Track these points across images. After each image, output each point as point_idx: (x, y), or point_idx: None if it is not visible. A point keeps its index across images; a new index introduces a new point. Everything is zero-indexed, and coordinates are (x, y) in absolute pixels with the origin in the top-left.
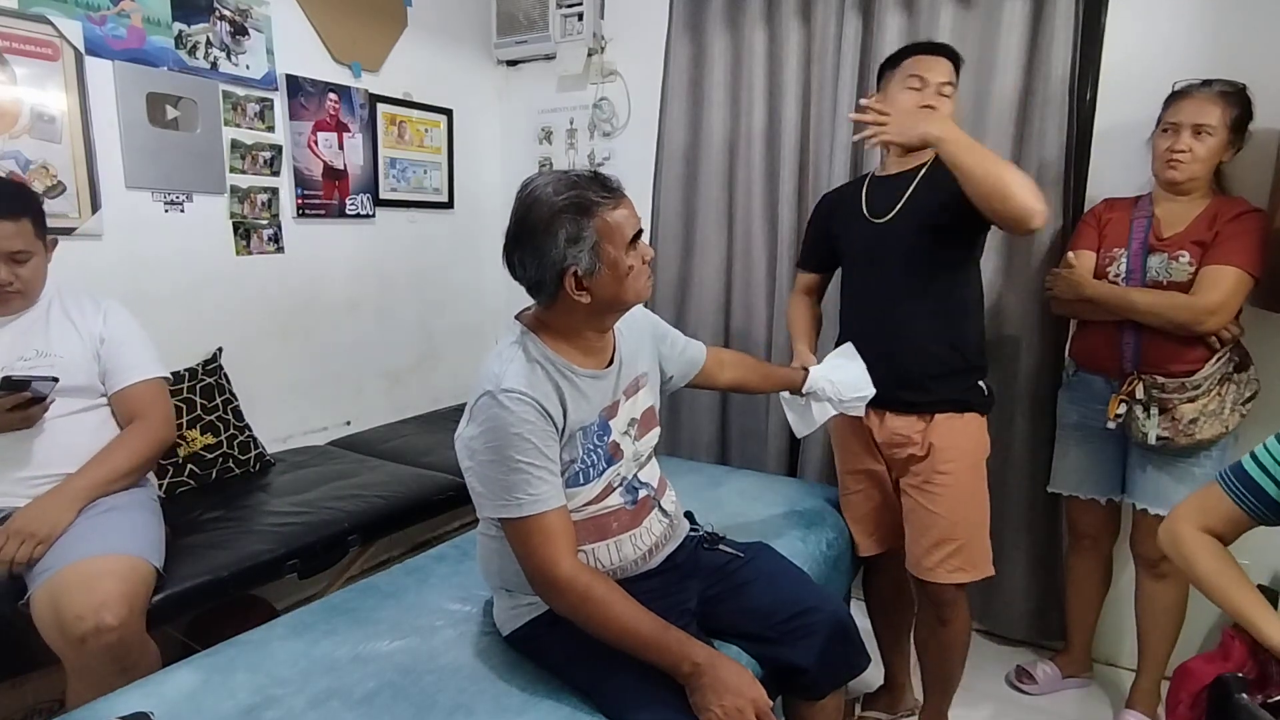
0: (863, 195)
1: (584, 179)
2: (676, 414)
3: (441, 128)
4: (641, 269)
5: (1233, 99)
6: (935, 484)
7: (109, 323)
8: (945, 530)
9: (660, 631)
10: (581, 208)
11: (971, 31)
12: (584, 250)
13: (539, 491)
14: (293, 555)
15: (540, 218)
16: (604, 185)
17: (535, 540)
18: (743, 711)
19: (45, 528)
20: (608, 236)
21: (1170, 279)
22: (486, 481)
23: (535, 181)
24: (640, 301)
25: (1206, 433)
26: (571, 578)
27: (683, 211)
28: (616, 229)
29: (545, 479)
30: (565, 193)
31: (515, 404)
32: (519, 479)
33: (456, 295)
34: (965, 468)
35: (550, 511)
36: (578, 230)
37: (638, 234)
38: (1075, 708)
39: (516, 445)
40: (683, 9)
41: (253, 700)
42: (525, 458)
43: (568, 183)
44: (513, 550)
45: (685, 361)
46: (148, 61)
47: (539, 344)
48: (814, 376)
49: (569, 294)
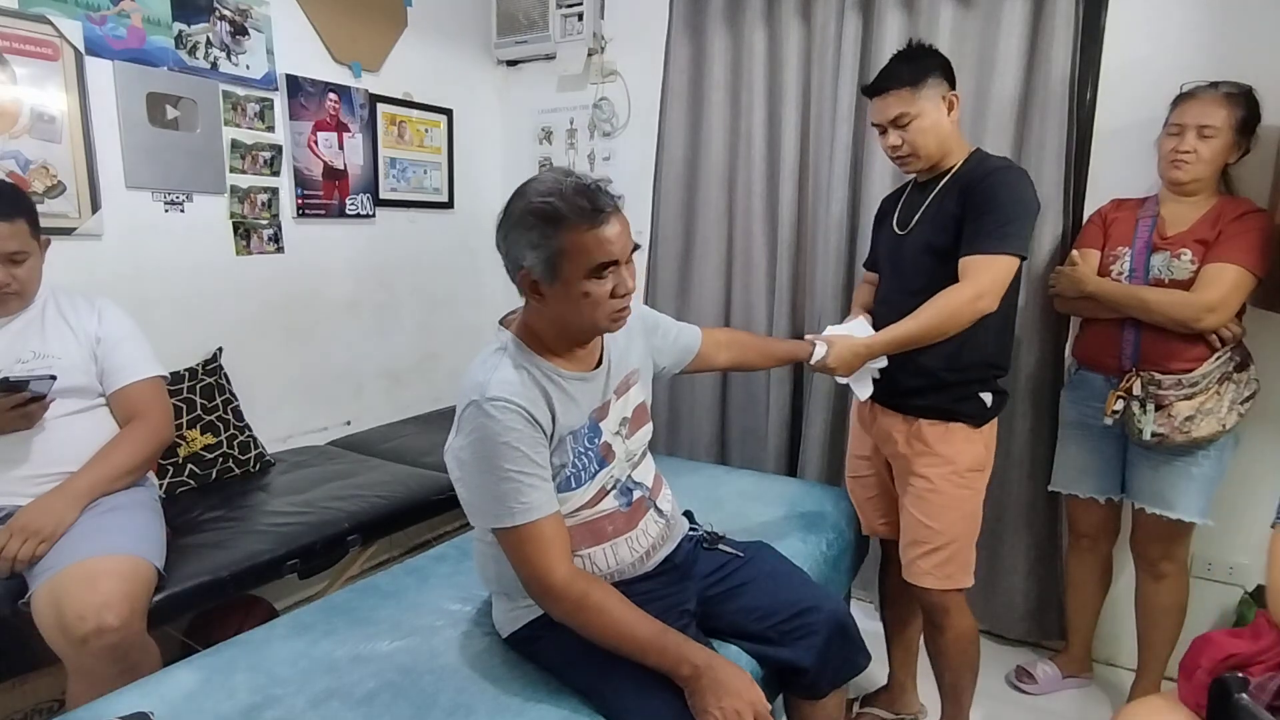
0: (899, 204)
1: (575, 188)
2: (676, 414)
3: (441, 128)
4: (604, 301)
5: (1238, 101)
6: (915, 487)
7: (105, 322)
8: (919, 533)
9: (658, 634)
10: (550, 217)
11: (971, 31)
12: (541, 259)
13: (530, 499)
14: (293, 555)
15: (514, 210)
16: (592, 200)
17: (529, 549)
18: (741, 713)
19: (49, 526)
20: (569, 255)
21: (1172, 277)
22: (477, 492)
23: (538, 174)
24: (602, 333)
25: (1203, 431)
26: (567, 584)
27: (683, 211)
28: (580, 251)
29: (536, 486)
30: (546, 196)
31: (501, 412)
32: (510, 488)
33: (456, 295)
34: (944, 476)
35: (543, 519)
36: (540, 237)
37: (610, 263)
38: (1075, 708)
39: (505, 454)
40: (683, 9)
41: (253, 700)
42: (514, 466)
43: (555, 187)
44: (508, 559)
45: (679, 349)
46: (148, 61)
47: (523, 349)
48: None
49: (529, 294)
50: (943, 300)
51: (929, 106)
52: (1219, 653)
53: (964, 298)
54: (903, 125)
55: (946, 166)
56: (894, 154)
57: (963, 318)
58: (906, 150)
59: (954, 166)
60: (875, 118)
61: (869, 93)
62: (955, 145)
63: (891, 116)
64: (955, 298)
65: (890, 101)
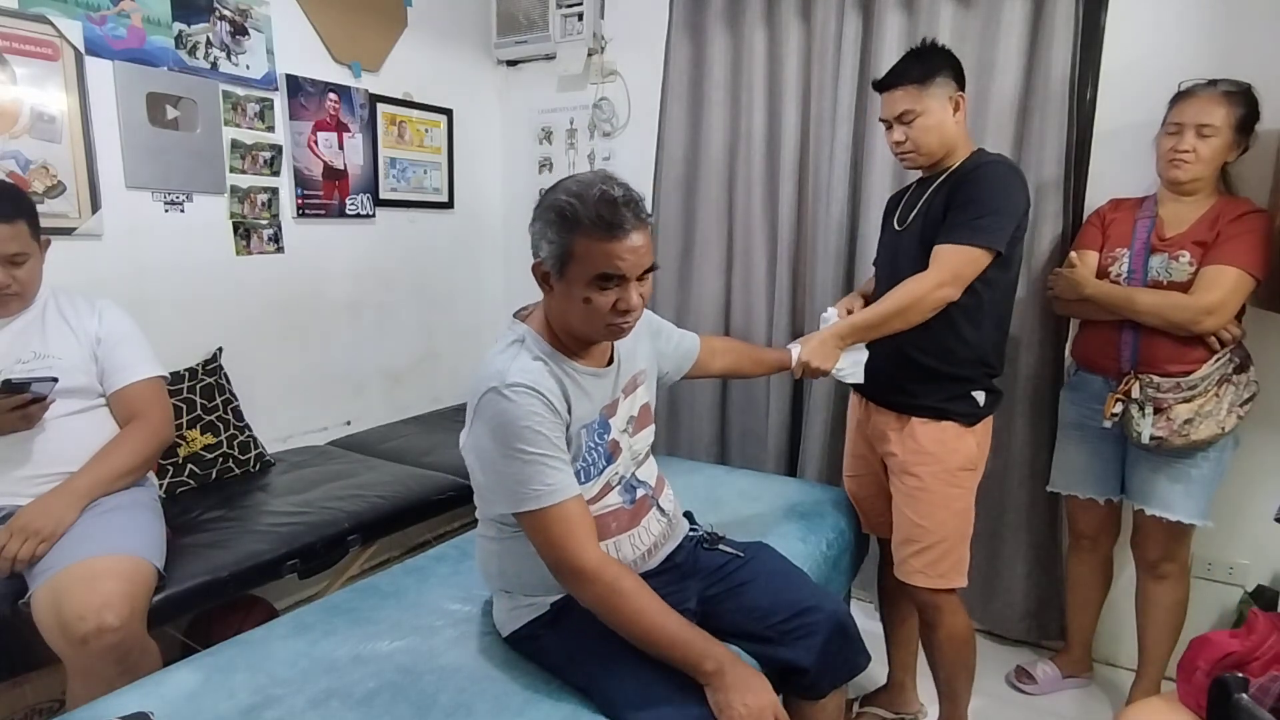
0: (901, 200)
1: (600, 197)
2: (676, 414)
3: (441, 128)
4: (604, 311)
5: (1237, 99)
6: (906, 485)
7: (105, 323)
8: (910, 532)
9: (684, 628)
10: (567, 218)
11: (971, 31)
12: (553, 255)
13: (555, 481)
14: (293, 555)
15: (545, 200)
16: (611, 214)
17: (557, 530)
18: (764, 711)
19: (49, 525)
20: (577, 259)
21: (1170, 279)
22: (499, 477)
23: (580, 173)
24: (599, 341)
25: (1201, 433)
26: (600, 567)
27: (682, 211)
28: (588, 259)
29: (559, 468)
30: (572, 196)
31: (522, 397)
32: (533, 470)
33: (456, 295)
34: (935, 474)
35: (569, 500)
36: (556, 233)
37: (617, 277)
38: (1075, 708)
39: (526, 437)
40: (683, 9)
41: (253, 700)
42: (537, 449)
43: (583, 190)
44: (534, 545)
45: (680, 355)
46: (148, 61)
47: (540, 342)
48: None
49: (541, 284)
50: (906, 287)
51: (935, 105)
52: (1217, 652)
53: (926, 286)
54: (908, 121)
55: (949, 164)
56: (897, 149)
57: (925, 305)
58: (909, 147)
59: (955, 164)
60: (882, 113)
61: (878, 87)
62: (960, 145)
63: (898, 112)
64: (918, 286)
65: (898, 97)
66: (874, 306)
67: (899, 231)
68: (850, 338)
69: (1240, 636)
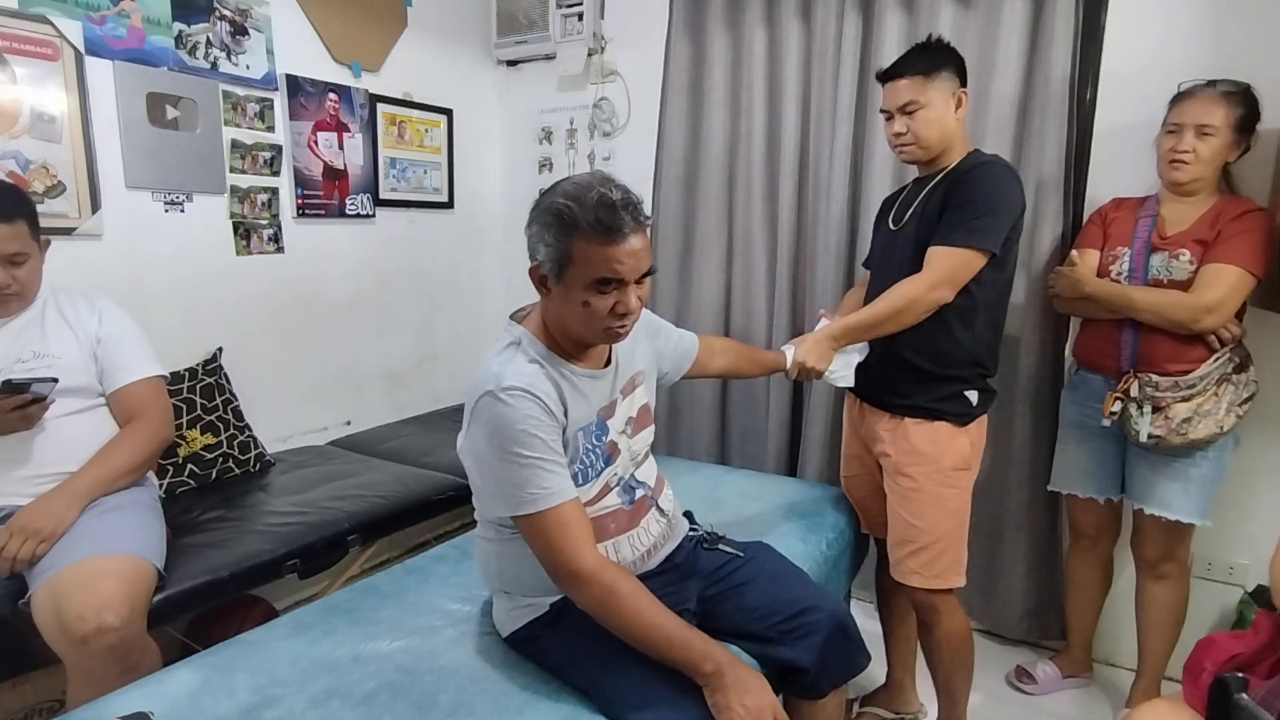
0: (896, 200)
1: (598, 200)
2: (676, 414)
3: (441, 128)
4: (602, 314)
5: (1237, 99)
6: (900, 485)
7: (105, 322)
8: (905, 532)
9: (683, 629)
10: (565, 221)
11: (971, 31)
12: (551, 258)
13: (552, 485)
14: (293, 555)
15: (542, 203)
16: (610, 218)
17: (554, 533)
18: (763, 711)
19: (49, 525)
20: (575, 263)
21: (1170, 278)
22: (496, 481)
23: (578, 174)
24: (597, 344)
25: (1200, 433)
26: (597, 570)
27: (682, 211)
28: (586, 262)
29: (556, 472)
30: (570, 200)
31: (518, 400)
32: (530, 474)
33: (456, 295)
34: (928, 475)
35: (566, 503)
36: (553, 236)
37: (615, 280)
38: (1075, 708)
39: (523, 441)
40: (683, 9)
41: (253, 700)
42: (534, 452)
43: (581, 193)
44: (532, 549)
45: (679, 355)
46: (148, 61)
47: (536, 344)
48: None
49: (538, 287)
50: (900, 289)
51: (938, 98)
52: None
53: (920, 287)
54: (910, 113)
55: (945, 164)
56: (897, 141)
57: (919, 307)
58: (910, 139)
59: (951, 164)
60: (884, 103)
61: (882, 78)
62: (957, 143)
63: (901, 103)
64: (912, 287)
65: (902, 87)
66: (868, 308)
67: (894, 231)
68: (844, 339)
69: (1245, 638)
